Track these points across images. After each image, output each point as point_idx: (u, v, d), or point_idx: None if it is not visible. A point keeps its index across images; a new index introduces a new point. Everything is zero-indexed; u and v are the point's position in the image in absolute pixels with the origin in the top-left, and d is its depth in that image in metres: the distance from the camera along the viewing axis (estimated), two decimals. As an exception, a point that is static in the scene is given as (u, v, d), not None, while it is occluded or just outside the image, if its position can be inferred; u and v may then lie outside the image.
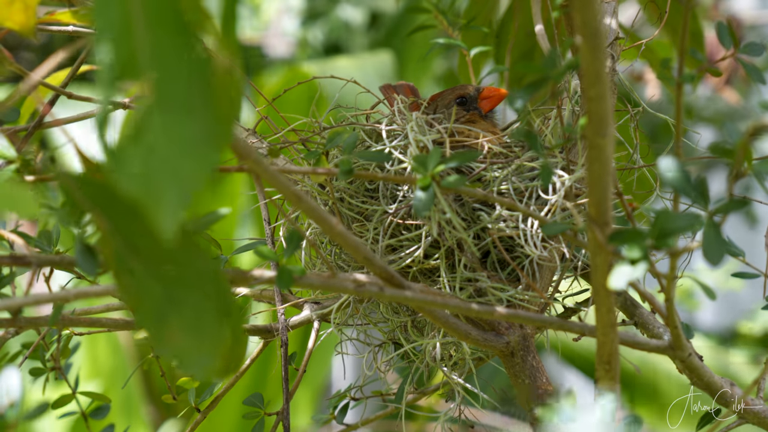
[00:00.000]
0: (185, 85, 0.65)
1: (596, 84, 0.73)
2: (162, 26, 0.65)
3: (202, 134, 0.65)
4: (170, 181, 0.64)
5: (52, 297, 0.75)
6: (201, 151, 0.65)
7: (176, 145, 0.64)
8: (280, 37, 3.37)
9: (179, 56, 0.65)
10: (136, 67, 0.64)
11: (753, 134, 0.74)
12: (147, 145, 0.64)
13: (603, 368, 0.90)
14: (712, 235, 0.76)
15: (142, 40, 0.64)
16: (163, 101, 0.64)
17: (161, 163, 0.64)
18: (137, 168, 0.64)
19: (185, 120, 0.65)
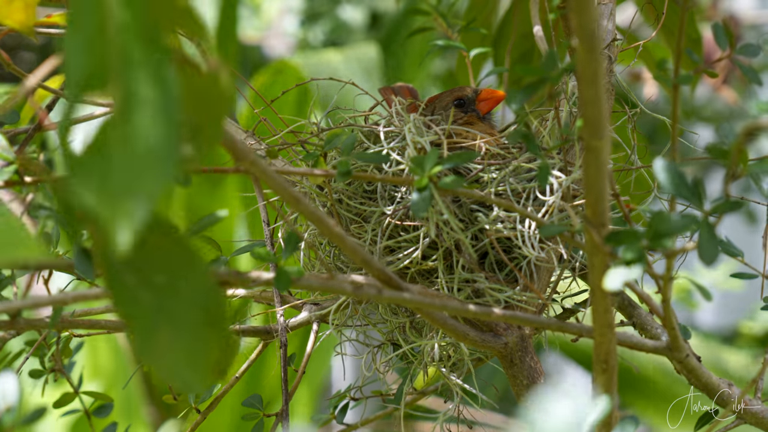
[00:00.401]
0: (152, 94, 0.64)
1: (592, 87, 0.74)
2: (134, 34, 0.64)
3: (166, 145, 0.64)
4: (127, 194, 0.63)
5: (51, 300, 0.75)
6: (162, 161, 0.63)
7: (137, 154, 0.63)
8: (280, 37, 3.37)
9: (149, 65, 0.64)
10: (104, 75, 0.63)
11: (748, 135, 0.74)
12: (107, 155, 0.63)
13: (600, 367, 0.90)
14: (706, 236, 0.76)
15: (114, 47, 0.63)
16: (127, 111, 0.63)
17: (120, 174, 0.63)
18: (95, 179, 0.63)
19: (149, 130, 0.63)
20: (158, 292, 0.69)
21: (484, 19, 1.58)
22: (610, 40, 1.20)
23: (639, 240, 0.78)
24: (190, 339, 0.70)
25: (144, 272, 0.69)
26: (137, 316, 0.69)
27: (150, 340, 0.69)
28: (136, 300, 0.69)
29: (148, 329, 0.69)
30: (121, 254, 0.62)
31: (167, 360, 0.69)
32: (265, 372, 2.49)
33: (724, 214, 0.76)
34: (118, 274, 0.68)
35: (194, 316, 0.70)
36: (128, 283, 0.69)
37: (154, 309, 0.69)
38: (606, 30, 1.21)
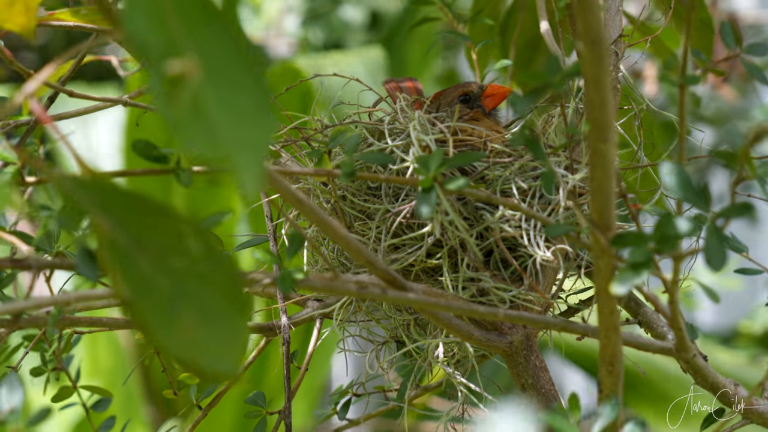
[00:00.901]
0: (229, 62, 0.68)
1: (598, 90, 0.73)
2: (192, 13, 0.68)
3: (255, 105, 0.68)
4: (240, 147, 0.67)
5: (52, 300, 0.75)
6: (258, 119, 0.68)
7: (235, 115, 0.67)
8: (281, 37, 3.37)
9: (215, 38, 0.68)
10: (176, 49, 0.66)
11: (756, 139, 0.74)
12: (208, 118, 0.67)
13: (606, 369, 0.90)
14: (714, 241, 0.75)
15: (176, 24, 0.67)
16: (212, 78, 0.67)
17: (227, 133, 0.67)
18: (205, 140, 0.66)
19: (237, 93, 0.68)
20: (177, 277, 0.69)
21: (491, 9, 1.57)
22: (617, 36, 1.20)
23: (646, 243, 0.77)
24: (217, 320, 0.70)
25: (159, 257, 0.69)
26: (156, 302, 0.69)
27: (171, 326, 0.69)
28: (152, 286, 0.69)
29: (169, 314, 0.69)
30: (251, 193, 0.65)
31: (195, 344, 0.69)
32: (268, 369, 2.49)
33: (731, 219, 0.76)
34: (132, 261, 0.68)
35: (218, 298, 0.70)
36: (144, 270, 0.69)
37: (174, 294, 0.69)
38: (613, 25, 1.20)
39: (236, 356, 0.70)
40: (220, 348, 0.69)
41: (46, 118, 0.77)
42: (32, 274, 0.78)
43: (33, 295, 0.81)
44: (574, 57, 1.26)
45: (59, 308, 0.90)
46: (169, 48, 0.66)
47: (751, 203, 0.74)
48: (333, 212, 1.16)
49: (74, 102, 1.20)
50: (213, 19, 0.68)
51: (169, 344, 0.68)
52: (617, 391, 0.90)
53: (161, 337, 0.68)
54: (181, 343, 0.68)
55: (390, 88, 1.31)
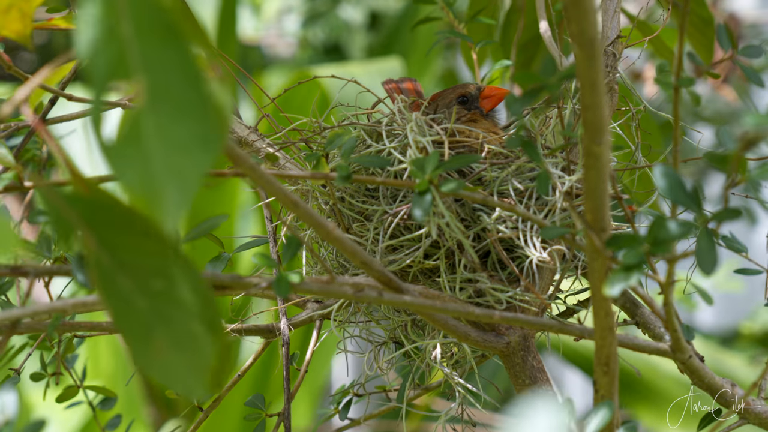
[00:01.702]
0: (177, 87, 0.65)
1: (592, 92, 0.73)
2: (151, 31, 0.65)
3: (197, 135, 0.66)
4: (170, 181, 0.65)
5: (50, 308, 0.75)
6: (197, 151, 0.65)
7: (172, 146, 0.65)
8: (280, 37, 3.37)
9: (169, 59, 0.65)
10: (126, 68, 0.64)
11: (747, 145, 0.74)
12: (143, 146, 0.65)
13: (601, 370, 0.90)
14: (705, 244, 0.76)
15: (131, 43, 0.65)
16: (156, 103, 0.65)
17: (159, 164, 0.65)
18: (136, 168, 0.64)
19: (179, 122, 0.65)
20: (154, 298, 0.69)
21: (491, 9, 1.58)
22: (614, 37, 1.20)
23: (639, 245, 0.78)
24: (189, 344, 0.70)
25: (140, 278, 0.69)
26: (132, 322, 0.69)
27: (146, 346, 0.69)
28: (131, 306, 0.69)
29: (144, 335, 0.69)
30: (171, 238, 0.63)
31: (165, 365, 0.69)
32: (268, 370, 2.50)
33: (723, 222, 0.76)
34: (113, 280, 0.68)
35: (192, 322, 0.70)
36: (123, 289, 0.69)
37: (150, 315, 0.69)
38: (611, 26, 1.20)
39: (202, 380, 0.70)
40: (187, 371, 0.69)
41: (38, 124, 0.77)
42: (30, 281, 0.79)
43: (32, 299, 0.81)
44: (572, 58, 1.26)
45: (57, 315, 0.90)
46: (117, 67, 0.64)
47: (740, 208, 0.74)
48: (331, 214, 1.16)
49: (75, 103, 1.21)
50: (172, 41, 0.65)
51: (143, 365, 0.68)
52: (613, 392, 0.90)
53: (137, 357, 0.68)
54: (152, 364, 0.68)
55: (389, 89, 1.31)
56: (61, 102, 1.21)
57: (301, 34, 3.34)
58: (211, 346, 0.70)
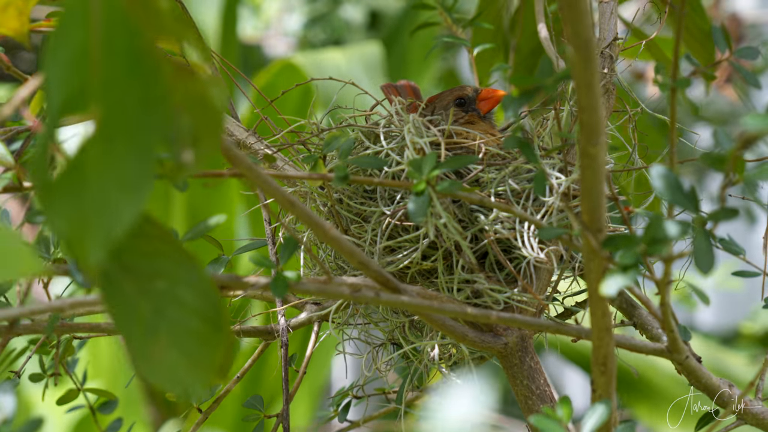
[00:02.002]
0: (136, 118, 0.63)
1: (588, 94, 0.74)
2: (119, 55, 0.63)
3: (142, 171, 0.63)
4: (99, 216, 0.63)
5: (48, 308, 0.75)
6: (136, 189, 0.63)
7: (113, 180, 0.63)
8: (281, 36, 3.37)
9: (133, 89, 0.63)
10: (83, 98, 0.62)
11: (744, 145, 0.74)
12: (82, 178, 0.63)
13: (599, 370, 0.90)
14: (702, 244, 0.76)
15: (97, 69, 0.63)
16: (106, 134, 0.63)
17: (92, 197, 0.63)
18: (70, 201, 0.63)
19: (128, 156, 0.63)
20: (157, 299, 0.69)
21: (495, 14, 1.58)
22: (611, 39, 1.20)
23: (636, 245, 0.78)
24: (192, 345, 0.70)
25: (143, 279, 0.69)
26: (135, 324, 0.68)
27: (147, 348, 0.68)
28: (134, 308, 0.68)
29: (146, 337, 0.69)
30: (92, 271, 0.62)
31: (165, 366, 0.69)
32: (267, 372, 2.49)
33: (719, 222, 0.76)
34: (116, 283, 0.68)
35: (195, 321, 0.70)
36: (126, 291, 0.69)
37: (153, 316, 0.69)
38: (607, 29, 1.21)
39: (205, 381, 0.70)
40: (190, 372, 0.69)
41: (38, 126, 0.77)
42: (29, 281, 0.79)
43: (31, 299, 0.81)
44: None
45: (55, 315, 0.91)
46: (77, 95, 0.62)
47: (738, 208, 0.75)
48: (329, 215, 1.16)
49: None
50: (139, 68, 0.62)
51: (143, 367, 0.68)
52: (610, 391, 0.90)
53: (137, 358, 0.67)
54: (153, 365, 0.68)
55: (388, 93, 1.31)
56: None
57: (302, 33, 3.33)
58: (215, 344, 0.69)
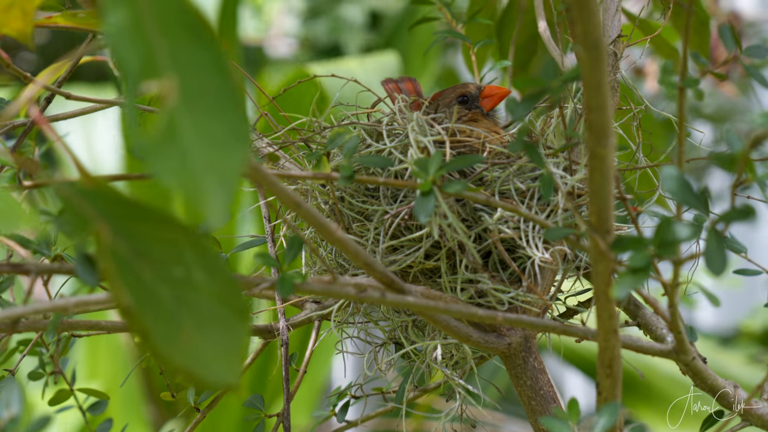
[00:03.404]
0: (209, 84, 0.66)
1: (597, 94, 0.73)
2: (177, 29, 0.66)
3: (231, 131, 0.67)
4: (211, 175, 0.65)
5: (51, 307, 0.75)
6: (233, 147, 0.66)
7: (210, 141, 0.66)
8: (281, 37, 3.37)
9: (198, 57, 0.66)
10: (155, 67, 0.65)
11: (755, 144, 0.74)
12: (181, 143, 0.65)
13: (605, 372, 0.90)
14: (714, 245, 0.75)
15: (158, 43, 0.65)
16: (189, 101, 0.66)
17: (199, 159, 0.65)
18: (175, 166, 0.65)
19: (214, 117, 0.66)
20: (177, 286, 0.69)
21: (489, 8, 1.57)
22: (615, 36, 1.20)
23: (645, 247, 0.77)
24: (217, 330, 0.70)
25: (160, 266, 0.69)
26: (157, 311, 0.68)
27: (173, 335, 0.68)
28: (154, 296, 0.69)
29: (171, 324, 0.69)
30: (212, 231, 0.64)
31: (196, 354, 0.69)
32: (267, 371, 2.49)
33: (731, 223, 0.76)
34: (132, 269, 0.68)
35: (217, 307, 0.70)
36: (145, 279, 0.69)
37: (174, 302, 0.69)
38: (612, 25, 1.20)
39: (235, 366, 0.70)
40: (219, 358, 0.69)
41: (42, 120, 0.77)
42: (31, 279, 0.78)
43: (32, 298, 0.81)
44: (571, 56, 1.26)
45: (58, 314, 0.90)
46: (148, 66, 0.65)
47: (752, 207, 0.74)
48: (331, 214, 1.16)
49: (73, 102, 1.20)
50: (199, 39, 0.66)
51: (170, 354, 0.68)
52: (616, 395, 0.89)
53: (162, 346, 0.67)
54: (181, 353, 0.68)
55: (389, 89, 1.31)
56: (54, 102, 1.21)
57: (302, 34, 3.33)
58: (240, 331, 0.70)
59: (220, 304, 0.70)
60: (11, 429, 0.73)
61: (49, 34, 3.70)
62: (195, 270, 0.70)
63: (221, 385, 0.69)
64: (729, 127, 0.81)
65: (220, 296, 0.70)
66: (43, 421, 0.73)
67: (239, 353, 0.70)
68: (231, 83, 0.67)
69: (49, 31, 3.66)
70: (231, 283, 0.70)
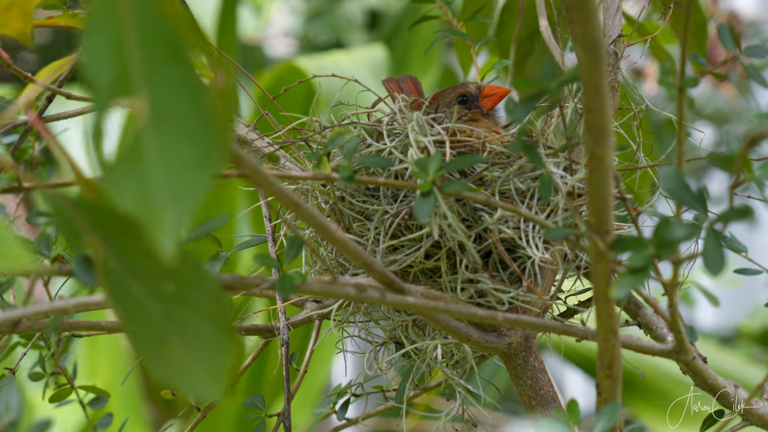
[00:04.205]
0: (181, 104, 0.65)
1: (597, 95, 0.73)
2: (155, 46, 0.65)
3: (199, 154, 0.65)
4: (169, 201, 0.64)
5: (51, 309, 0.75)
6: (198, 170, 0.65)
7: (173, 164, 0.65)
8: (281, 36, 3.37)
9: (174, 76, 0.65)
10: (128, 84, 0.64)
11: (752, 144, 0.74)
12: (143, 164, 0.64)
13: (604, 373, 0.90)
14: (713, 245, 0.75)
15: (135, 59, 0.65)
16: (158, 120, 0.65)
17: (159, 182, 0.64)
18: (134, 188, 0.64)
19: (182, 140, 0.65)
20: (167, 302, 0.69)
21: (486, 8, 1.57)
22: (615, 36, 1.20)
23: (645, 248, 0.77)
24: (204, 348, 0.69)
25: (150, 282, 0.69)
26: (146, 328, 0.68)
27: (161, 352, 0.68)
28: (144, 311, 0.68)
29: (159, 340, 0.68)
30: (166, 260, 0.63)
31: (182, 371, 0.69)
32: (267, 370, 2.49)
33: (729, 223, 0.76)
34: (123, 285, 0.68)
35: (206, 325, 0.70)
36: (135, 294, 0.68)
37: (164, 319, 0.69)
38: (612, 25, 1.20)
39: (221, 384, 0.70)
40: (206, 376, 0.69)
41: (39, 123, 0.77)
42: (31, 280, 0.78)
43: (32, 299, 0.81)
44: (572, 56, 1.26)
45: (57, 315, 0.90)
46: (121, 83, 0.64)
47: (750, 207, 0.74)
48: (332, 214, 1.16)
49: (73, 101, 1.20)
50: (177, 60, 0.65)
51: (158, 370, 0.67)
52: (616, 395, 0.90)
53: (150, 362, 0.67)
54: (168, 370, 0.68)
55: (389, 88, 1.31)
56: (56, 101, 1.21)
57: (302, 33, 3.33)
58: (226, 349, 0.69)
59: (209, 322, 0.69)
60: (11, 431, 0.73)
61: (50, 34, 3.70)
62: (185, 287, 0.70)
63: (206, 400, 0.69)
64: (726, 128, 0.80)
65: (209, 314, 0.69)
66: (43, 424, 0.73)
67: (225, 371, 0.70)
68: (205, 106, 0.65)
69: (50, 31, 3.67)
70: (220, 301, 0.70)
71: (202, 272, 0.69)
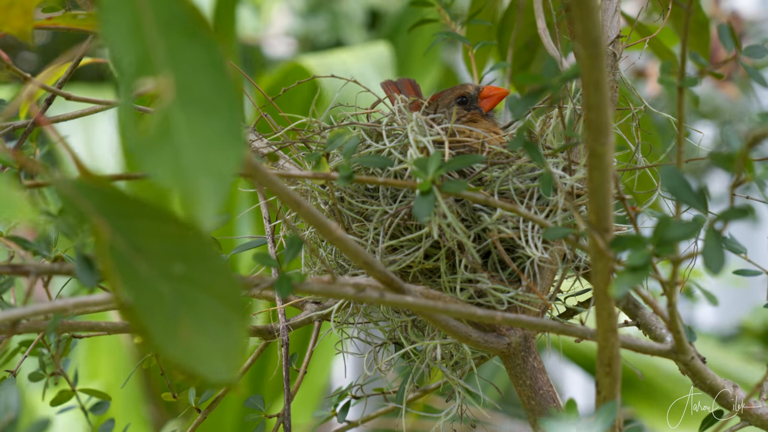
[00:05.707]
0: (205, 81, 0.67)
1: (596, 92, 0.73)
2: (174, 26, 0.67)
3: (226, 130, 0.67)
4: (204, 173, 0.66)
5: (50, 308, 0.75)
6: (228, 145, 0.67)
7: (204, 139, 0.66)
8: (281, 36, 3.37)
9: (195, 54, 0.67)
10: (152, 65, 0.66)
11: (753, 143, 0.74)
12: (175, 142, 0.66)
13: (604, 371, 0.90)
14: (712, 244, 0.75)
15: (155, 41, 0.66)
16: (184, 99, 0.66)
17: (192, 157, 0.66)
18: (169, 163, 0.65)
19: (209, 116, 0.66)
20: (176, 282, 0.69)
21: (489, 9, 1.57)
22: (614, 37, 1.20)
23: (644, 246, 0.77)
24: (216, 327, 0.70)
25: (159, 262, 0.69)
26: (156, 308, 0.68)
27: (172, 332, 0.68)
28: (153, 291, 0.69)
29: (170, 321, 0.68)
30: (206, 230, 0.64)
31: (194, 350, 0.69)
32: (267, 371, 2.49)
33: (729, 222, 0.76)
34: (131, 265, 0.68)
35: (217, 304, 0.70)
36: (143, 275, 0.69)
37: (174, 299, 0.69)
38: (611, 26, 1.20)
39: (234, 363, 0.70)
40: (218, 355, 0.69)
41: (44, 120, 0.77)
42: (31, 280, 0.78)
43: (31, 299, 0.81)
44: (571, 57, 1.26)
45: (57, 315, 0.90)
46: (144, 64, 0.65)
47: (751, 206, 0.74)
48: (331, 214, 1.16)
49: (73, 103, 1.21)
50: (197, 38, 0.67)
51: (169, 350, 0.68)
52: (615, 393, 0.90)
53: (161, 343, 0.67)
54: (180, 350, 0.68)
55: (388, 90, 1.31)
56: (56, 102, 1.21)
57: (302, 32, 3.33)
58: (238, 328, 0.70)
59: (220, 301, 0.70)
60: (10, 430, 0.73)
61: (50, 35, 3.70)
62: (195, 267, 0.70)
63: (221, 383, 0.69)
64: (727, 127, 0.80)
65: (220, 293, 0.70)
66: (42, 424, 0.73)
67: (239, 351, 0.70)
68: (228, 82, 0.67)
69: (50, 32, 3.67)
70: (231, 281, 0.70)
71: (210, 251, 0.70)
